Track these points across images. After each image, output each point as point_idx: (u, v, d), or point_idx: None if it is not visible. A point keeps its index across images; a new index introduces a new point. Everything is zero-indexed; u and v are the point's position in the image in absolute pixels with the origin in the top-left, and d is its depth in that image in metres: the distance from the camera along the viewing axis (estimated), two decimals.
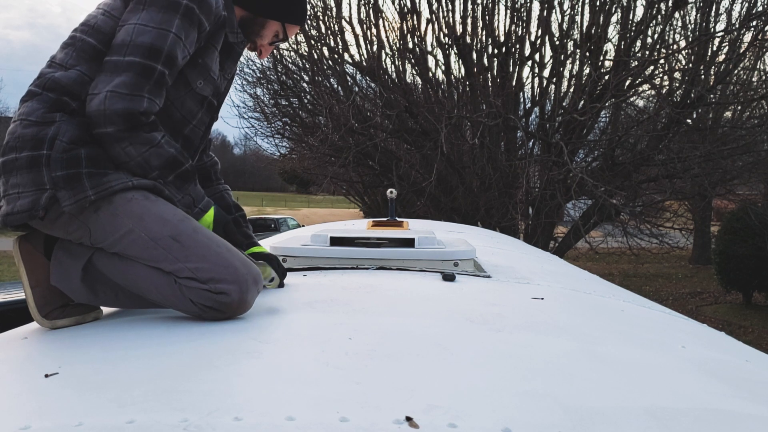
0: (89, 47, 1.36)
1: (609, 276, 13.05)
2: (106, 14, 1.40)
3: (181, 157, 1.42)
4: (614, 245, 11.77)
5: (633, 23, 9.24)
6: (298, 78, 12.09)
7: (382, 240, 2.09)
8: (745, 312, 12.31)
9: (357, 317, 1.28)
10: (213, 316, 1.28)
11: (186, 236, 1.30)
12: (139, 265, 1.32)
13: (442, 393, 0.85)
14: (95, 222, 1.30)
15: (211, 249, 1.30)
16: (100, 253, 1.35)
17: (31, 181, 1.27)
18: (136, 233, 1.29)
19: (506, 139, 10.22)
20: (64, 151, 1.27)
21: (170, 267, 1.29)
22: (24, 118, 1.30)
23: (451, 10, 9.76)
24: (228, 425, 0.73)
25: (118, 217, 1.29)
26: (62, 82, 1.32)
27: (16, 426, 0.75)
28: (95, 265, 1.35)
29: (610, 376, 0.98)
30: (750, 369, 1.23)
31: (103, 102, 1.29)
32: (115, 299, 1.39)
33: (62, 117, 1.30)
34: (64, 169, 1.26)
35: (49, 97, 1.31)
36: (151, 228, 1.29)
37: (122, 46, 1.33)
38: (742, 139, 9.88)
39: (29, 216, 1.27)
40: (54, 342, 1.20)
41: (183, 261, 1.28)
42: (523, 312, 1.42)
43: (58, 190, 1.26)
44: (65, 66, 1.35)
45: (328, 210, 39.29)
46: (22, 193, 1.27)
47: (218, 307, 1.26)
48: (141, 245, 1.29)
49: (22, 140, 1.28)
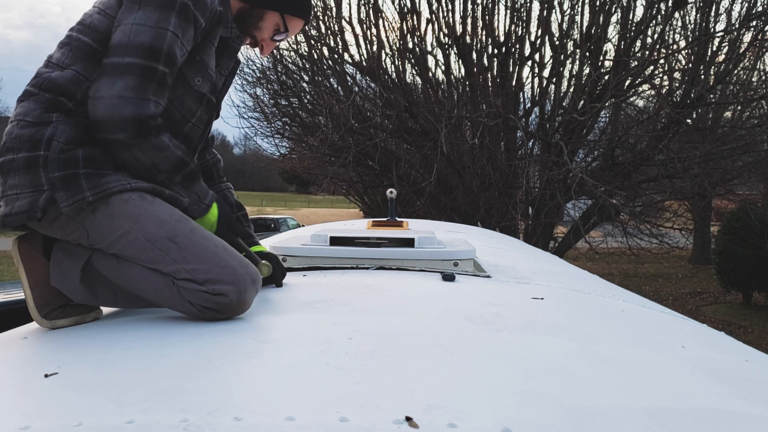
0: (85, 46, 1.35)
1: (609, 276, 13.05)
2: (101, 13, 1.38)
3: (187, 157, 1.41)
4: (614, 245, 11.77)
5: (633, 23, 9.25)
6: (298, 78, 12.09)
7: (382, 240, 2.08)
8: (744, 312, 12.31)
9: (357, 317, 1.28)
10: (212, 317, 1.28)
11: (183, 237, 1.29)
12: (137, 267, 1.31)
13: (442, 393, 0.85)
14: (92, 223, 1.29)
15: (209, 249, 1.30)
16: (99, 253, 1.34)
17: (29, 182, 1.26)
18: (133, 234, 1.28)
19: (506, 139, 10.22)
20: (61, 152, 1.26)
21: (168, 268, 1.28)
22: (21, 119, 1.29)
23: (451, 10, 9.78)
24: (228, 425, 0.73)
25: (115, 219, 1.28)
26: (58, 82, 1.31)
27: (16, 426, 0.75)
28: (94, 266, 1.35)
29: (609, 376, 0.98)
30: (750, 369, 1.23)
31: (111, 108, 1.28)
32: (114, 299, 1.39)
33: (59, 117, 1.29)
34: (61, 170, 1.26)
35: (46, 98, 1.30)
36: (148, 229, 1.29)
37: (120, 47, 1.31)
38: (741, 139, 9.88)
39: (27, 217, 1.27)
40: (54, 342, 1.20)
41: (180, 262, 1.28)
42: (523, 312, 1.42)
43: (56, 191, 1.25)
44: (61, 66, 1.34)
45: (328, 210, 39.29)
46: (20, 194, 1.27)
47: (217, 308, 1.26)
48: (138, 246, 1.29)
49: (19, 141, 1.27)
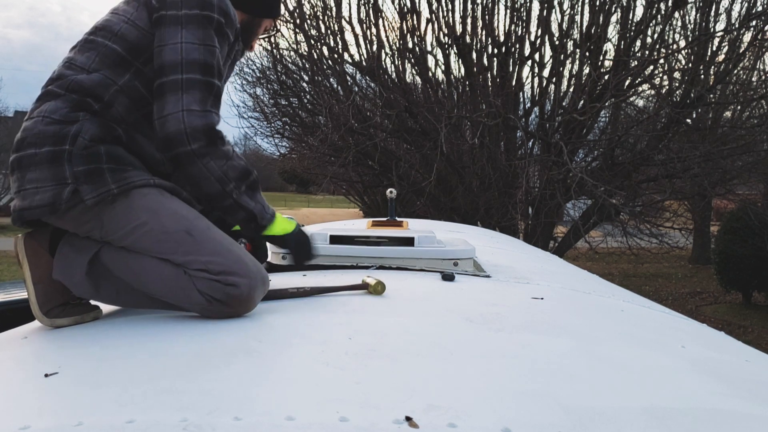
0: (113, 53, 1.40)
1: (609, 276, 13.04)
2: (129, 23, 1.43)
3: (250, 166, 1.46)
4: (614, 245, 11.76)
5: (633, 23, 9.23)
6: (297, 78, 12.08)
7: (382, 239, 2.08)
8: (744, 312, 12.31)
9: (357, 317, 1.28)
10: (217, 311, 1.28)
11: (199, 231, 1.34)
12: (146, 258, 1.34)
13: (442, 393, 0.85)
14: (110, 213, 1.32)
15: (224, 246, 1.34)
16: (108, 247, 1.37)
17: (52, 175, 1.29)
18: (150, 226, 1.32)
19: (506, 139, 10.21)
20: (85, 148, 1.31)
21: (181, 259, 1.31)
22: (46, 116, 1.33)
23: (451, 9, 9.75)
24: (228, 425, 0.73)
25: (133, 210, 1.33)
26: (86, 84, 1.36)
27: (16, 426, 0.75)
28: (101, 260, 1.37)
29: (609, 376, 0.99)
30: (749, 369, 1.23)
31: (182, 121, 1.33)
32: (115, 296, 1.40)
33: (85, 116, 1.34)
34: (85, 165, 1.30)
35: (73, 98, 1.35)
36: (165, 222, 1.33)
37: (176, 65, 1.36)
38: (741, 139, 9.88)
39: (51, 210, 1.29)
40: (54, 342, 1.20)
41: (195, 254, 1.31)
42: (523, 312, 1.42)
43: (80, 185, 1.29)
44: (87, 69, 1.39)
45: (328, 210, 39.27)
46: (41, 188, 1.29)
47: (226, 300, 1.27)
48: (153, 237, 1.32)
49: (42, 136, 1.31)
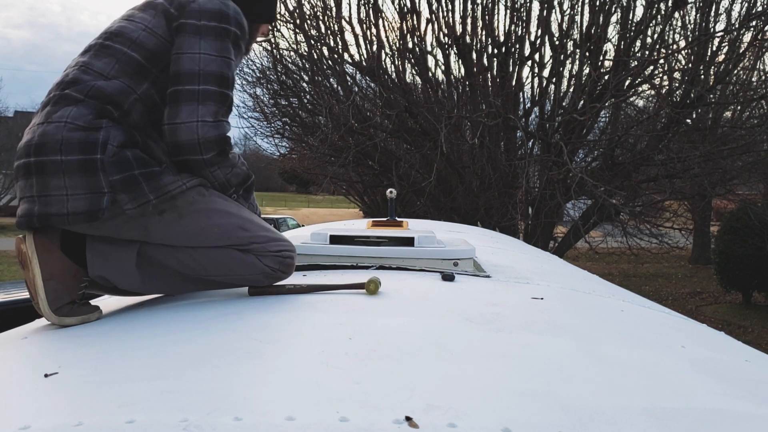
0: (133, 61, 1.44)
1: (609, 276, 13.06)
2: (147, 30, 1.46)
3: (249, 171, 1.59)
4: (614, 245, 11.76)
5: (633, 23, 9.24)
6: (297, 78, 12.08)
7: (382, 239, 2.08)
8: (744, 312, 12.31)
9: (357, 317, 1.28)
10: (278, 277, 1.53)
11: (249, 222, 1.50)
12: (207, 249, 1.45)
13: (442, 393, 0.85)
14: (158, 224, 1.39)
15: (270, 229, 1.54)
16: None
17: (85, 184, 1.32)
18: (209, 230, 1.43)
19: (506, 139, 10.21)
20: (114, 155, 1.34)
21: (244, 248, 1.47)
22: (69, 122, 1.34)
23: (451, 10, 9.76)
24: (228, 425, 0.73)
25: (185, 218, 1.41)
26: (106, 91, 1.39)
27: (16, 426, 0.75)
28: (146, 252, 1.44)
29: (609, 375, 0.99)
30: (749, 369, 1.23)
31: (196, 132, 1.42)
32: (162, 284, 1.50)
33: (108, 123, 1.38)
34: (119, 173, 1.34)
35: (94, 104, 1.38)
36: (220, 223, 1.45)
37: (193, 75, 1.43)
38: (741, 139, 9.88)
39: (89, 217, 1.32)
40: (54, 342, 1.20)
41: (255, 242, 1.48)
42: (523, 312, 1.42)
43: (117, 194, 1.33)
44: (106, 76, 1.42)
45: (328, 210, 39.28)
46: (71, 195, 1.31)
47: (284, 270, 1.52)
48: (213, 239, 1.44)
49: (67, 143, 1.32)
